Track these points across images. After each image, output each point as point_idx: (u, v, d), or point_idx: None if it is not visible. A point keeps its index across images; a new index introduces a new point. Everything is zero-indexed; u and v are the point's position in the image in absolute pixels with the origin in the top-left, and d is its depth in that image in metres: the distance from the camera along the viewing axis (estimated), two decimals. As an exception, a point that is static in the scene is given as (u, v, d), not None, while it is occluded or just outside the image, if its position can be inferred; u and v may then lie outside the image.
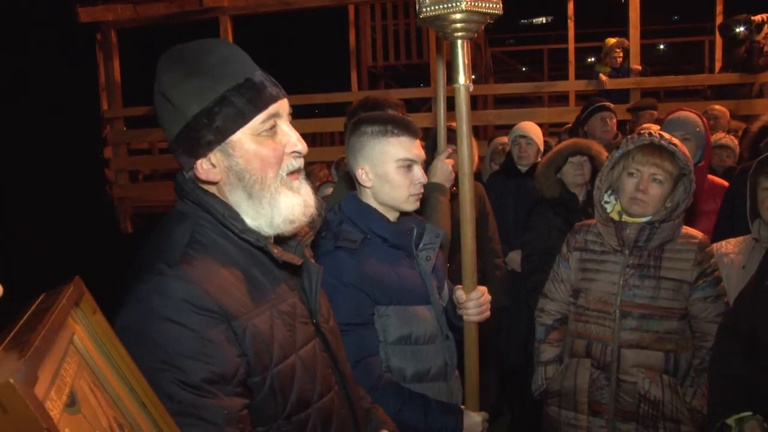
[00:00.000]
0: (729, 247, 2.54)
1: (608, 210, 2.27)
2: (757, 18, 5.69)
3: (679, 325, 2.21)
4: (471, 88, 1.60)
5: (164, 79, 1.22)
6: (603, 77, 6.32)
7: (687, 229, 2.27)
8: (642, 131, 2.29)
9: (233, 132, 1.21)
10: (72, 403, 0.75)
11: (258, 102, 1.22)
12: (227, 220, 1.23)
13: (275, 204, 1.25)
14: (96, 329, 0.91)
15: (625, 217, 2.24)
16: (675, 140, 2.22)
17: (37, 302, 0.81)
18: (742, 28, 5.68)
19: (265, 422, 1.21)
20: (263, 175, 1.24)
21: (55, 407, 0.70)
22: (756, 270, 2.13)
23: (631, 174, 2.20)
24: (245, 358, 1.17)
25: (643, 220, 2.21)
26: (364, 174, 1.87)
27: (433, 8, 1.51)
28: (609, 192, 2.34)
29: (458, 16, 1.50)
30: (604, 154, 3.21)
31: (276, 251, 1.25)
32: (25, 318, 0.75)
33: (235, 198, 1.25)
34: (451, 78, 1.62)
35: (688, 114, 3.15)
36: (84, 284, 0.91)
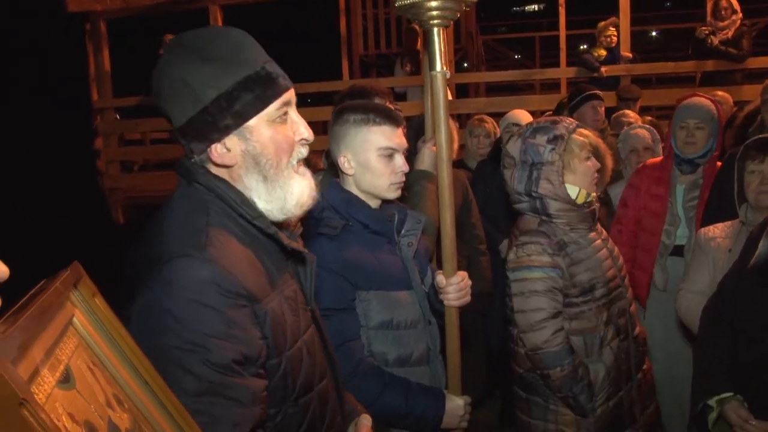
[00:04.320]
0: (716, 231, 2.57)
1: (575, 197, 2.23)
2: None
3: None
4: (448, 75, 1.61)
5: (179, 63, 1.22)
6: (603, 69, 6.28)
7: None
8: (558, 118, 2.30)
9: (252, 117, 1.24)
10: (66, 379, 0.78)
11: (275, 89, 1.25)
12: (240, 206, 1.25)
13: (288, 188, 1.28)
14: (96, 311, 0.93)
15: (590, 197, 2.27)
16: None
17: (36, 287, 0.83)
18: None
19: (276, 404, 1.24)
20: (278, 160, 1.27)
21: (46, 383, 0.73)
22: (739, 253, 2.16)
23: (586, 158, 2.22)
24: (266, 341, 1.20)
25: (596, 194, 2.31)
26: (346, 162, 1.89)
27: (408, -4, 1.52)
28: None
29: (433, 3, 1.51)
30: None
31: (285, 239, 1.29)
32: (21, 302, 0.77)
33: (249, 182, 1.27)
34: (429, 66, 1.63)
35: (702, 100, 3.09)
36: (83, 268, 0.93)
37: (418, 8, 1.54)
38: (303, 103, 8.84)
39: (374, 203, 1.92)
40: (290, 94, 1.30)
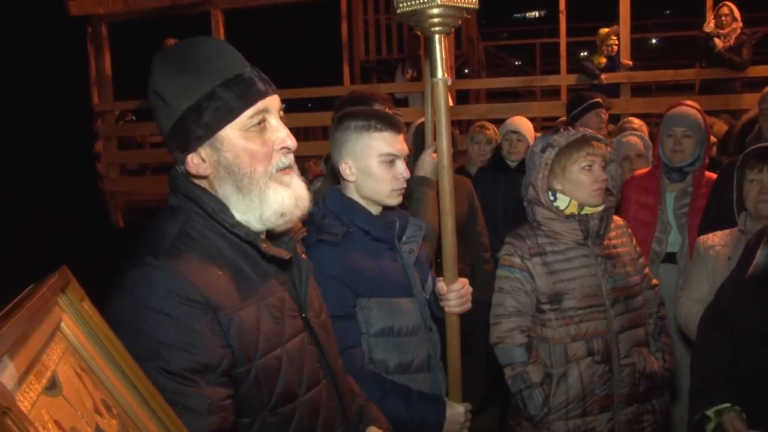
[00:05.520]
0: (715, 239, 2.57)
1: (561, 207, 2.23)
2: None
3: (642, 297, 2.36)
4: (449, 82, 1.61)
5: (156, 77, 1.25)
6: (603, 77, 6.28)
7: None
8: (560, 127, 2.29)
9: (222, 127, 1.23)
10: (53, 386, 0.78)
11: (247, 97, 1.24)
12: (217, 214, 1.25)
13: (264, 198, 1.26)
14: (84, 316, 0.93)
15: (586, 210, 2.25)
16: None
17: (23, 293, 0.83)
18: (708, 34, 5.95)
19: (250, 413, 1.23)
20: (252, 169, 1.25)
21: (32, 389, 0.73)
22: (737, 261, 2.16)
23: (585, 168, 2.21)
24: (230, 349, 1.19)
25: (600, 208, 2.25)
26: (347, 168, 1.89)
27: (409, 3, 1.53)
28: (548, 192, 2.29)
29: (435, 11, 1.52)
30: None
31: (264, 246, 1.27)
32: (7, 307, 0.77)
33: (224, 192, 1.27)
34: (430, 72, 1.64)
35: (689, 109, 3.10)
36: (71, 273, 0.93)
37: (420, 15, 1.55)
38: (304, 108, 8.88)
39: (375, 210, 1.93)
40: (268, 102, 1.27)
